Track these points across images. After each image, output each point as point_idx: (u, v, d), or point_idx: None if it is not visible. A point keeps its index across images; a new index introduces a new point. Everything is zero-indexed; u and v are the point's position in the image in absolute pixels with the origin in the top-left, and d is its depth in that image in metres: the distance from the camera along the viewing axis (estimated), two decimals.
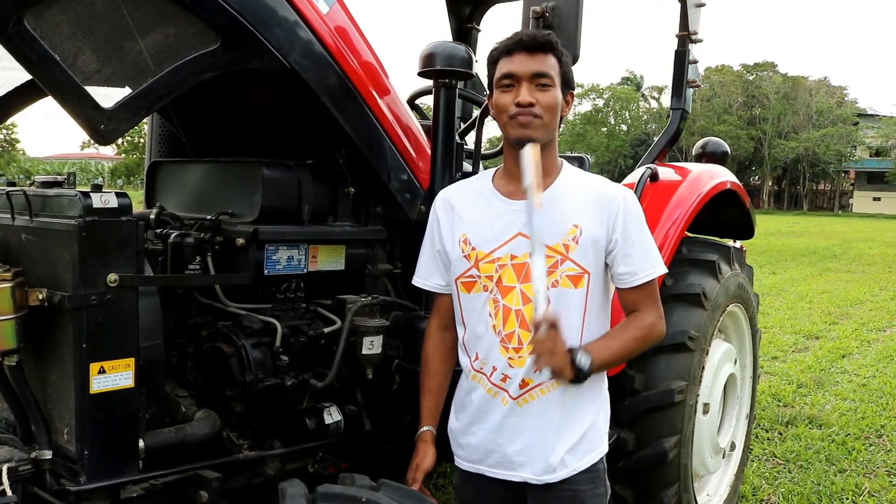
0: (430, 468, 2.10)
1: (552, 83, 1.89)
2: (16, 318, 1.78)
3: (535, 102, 1.86)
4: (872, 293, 12.27)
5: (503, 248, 1.95)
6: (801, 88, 65.57)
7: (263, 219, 2.30)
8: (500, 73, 1.91)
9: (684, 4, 3.68)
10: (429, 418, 2.14)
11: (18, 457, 1.82)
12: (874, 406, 5.78)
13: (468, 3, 4.30)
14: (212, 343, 2.25)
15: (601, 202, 1.95)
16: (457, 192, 2.11)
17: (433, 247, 2.10)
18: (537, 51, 1.88)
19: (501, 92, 1.91)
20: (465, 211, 2.03)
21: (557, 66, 1.91)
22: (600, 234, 1.93)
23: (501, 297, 1.94)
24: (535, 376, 1.92)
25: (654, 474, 2.99)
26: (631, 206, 1.97)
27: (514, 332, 1.93)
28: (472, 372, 2.03)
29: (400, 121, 2.54)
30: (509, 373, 1.95)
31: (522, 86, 1.87)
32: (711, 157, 4.17)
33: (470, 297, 2.00)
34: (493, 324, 1.96)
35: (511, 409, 1.96)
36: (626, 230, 1.94)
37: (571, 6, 2.36)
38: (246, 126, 2.74)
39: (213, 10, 1.92)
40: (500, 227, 1.96)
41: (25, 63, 1.68)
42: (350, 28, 2.35)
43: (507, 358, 1.95)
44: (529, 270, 1.89)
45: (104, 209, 1.80)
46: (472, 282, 1.99)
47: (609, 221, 1.93)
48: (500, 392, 1.97)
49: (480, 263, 1.96)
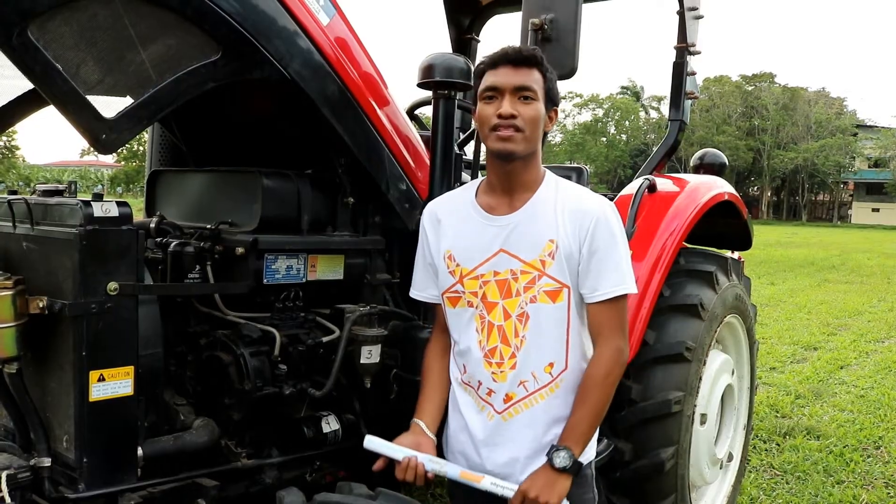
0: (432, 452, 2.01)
1: (535, 97, 1.89)
2: (16, 325, 1.79)
3: (517, 115, 1.87)
4: (871, 304, 12.27)
5: (486, 264, 1.97)
6: (800, 99, 65.70)
7: (263, 228, 2.31)
8: (485, 86, 1.92)
9: (682, 16, 3.71)
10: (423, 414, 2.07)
11: (17, 464, 1.84)
12: (872, 417, 5.78)
13: (468, 15, 4.34)
14: (211, 351, 2.26)
15: (575, 215, 1.94)
16: (442, 205, 2.12)
17: (425, 259, 2.12)
18: (522, 65, 1.89)
19: (485, 104, 1.92)
20: (450, 226, 2.05)
21: (542, 80, 1.91)
22: (574, 247, 1.92)
23: (487, 312, 1.97)
24: (517, 390, 1.96)
25: (651, 485, 3.00)
26: (604, 221, 1.94)
27: (497, 347, 1.96)
28: (462, 385, 2.06)
29: (399, 131, 2.55)
30: (493, 387, 1.98)
31: (505, 98, 1.88)
32: (709, 168, 4.20)
33: (456, 311, 2.03)
34: (479, 339, 1.99)
35: (497, 423, 1.99)
36: (593, 245, 1.92)
37: (570, 18, 2.38)
38: (246, 136, 2.76)
39: (214, 22, 1.94)
40: (482, 243, 1.98)
41: (28, 73, 1.69)
42: (350, 39, 2.37)
43: (491, 373, 1.97)
44: (510, 286, 1.93)
45: (105, 218, 1.81)
46: (457, 297, 2.01)
47: (581, 235, 1.92)
48: (486, 406, 2.00)
49: (465, 280, 1.99)
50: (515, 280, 1.94)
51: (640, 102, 71.58)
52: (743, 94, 66.21)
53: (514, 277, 1.94)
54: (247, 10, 2.00)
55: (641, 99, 71.71)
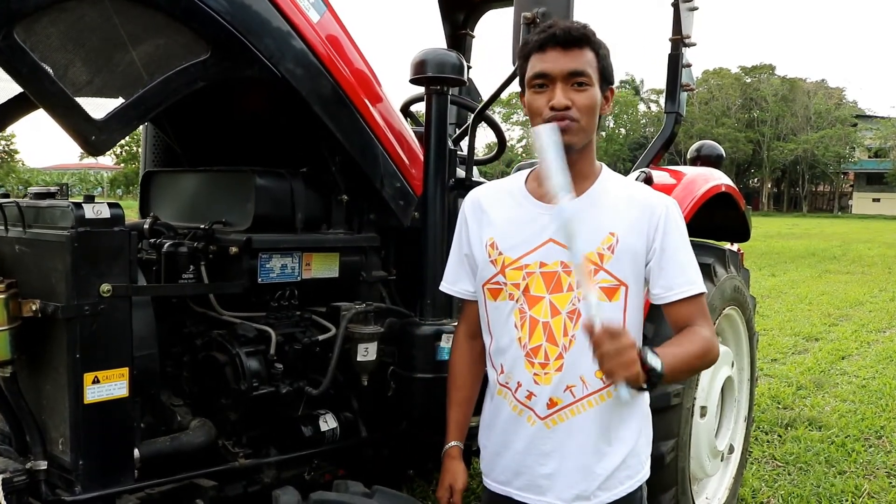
0: (464, 487, 1.99)
1: (590, 81, 1.71)
2: (9, 329, 1.79)
3: (572, 104, 1.70)
4: (872, 294, 12.26)
5: (532, 254, 1.79)
6: (800, 90, 65.64)
7: (257, 227, 2.30)
8: (532, 73, 1.74)
9: (677, 9, 3.70)
10: (456, 432, 2.02)
11: (13, 467, 1.83)
12: (874, 407, 5.78)
13: (462, 10, 4.32)
14: (206, 352, 2.25)
15: (642, 210, 1.79)
16: (487, 192, 1.96)
17: (461, 250, 1.96)
18: (572, 46, 1.70)
19: (534, 93, 1.75)
20: (495, 213, 1.88)
21: (595, 61, 1.73)
22: (639, 243, 1.77)
23: (528, 307, 1.79)
24: (564, 395, 1.78)
25: (652, 478, 2.96)
26: (675, 216, 1.82)
27: (541, 346, 1.78)
28: (498, 386, 1.88)
29: (392, 128, 2.55)
30: (534, 390, 1.79)
31: (557, 86, 1.70)
32: (706, 160, 4.18)
33: (496, 305, 1.85)
34: (519, 336, 1.80)
35: (539, 429, 1.81)
36: (665, 241, 1.79)
37: (562, 12, 2.37)
38: (239, 135, 2.75)
39: (203, 21, 1.93)
40: (530, 232, 1.81)
41: (16, 75, 1.69)
42: (341, 36, 2.36)
43: (533, 374, 1.79)
44: (559, 280, 1.76)
45: (96, 220, 1.80)
46: (498, 289, 1.83)
47: (650, 231, 1.78)
48: (525, 410, 1.82)
49: (507, 270, 1.81)
50: (568, 274, 1.76)
51: (640, 96, 71.50)
52: (742, 86, 66.13)
53: (567, 271, 1.76)
54: (236, 8, 1.99)
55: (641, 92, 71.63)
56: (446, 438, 2.03)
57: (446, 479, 1.99)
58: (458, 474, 1.99)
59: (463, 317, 2.05)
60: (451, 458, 2.01)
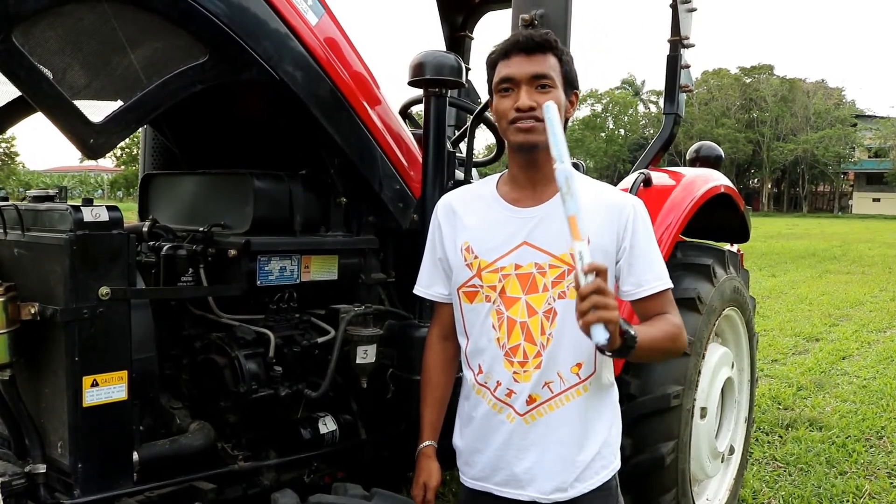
0: (438, 485, 2.03)
1: (553, 84, 1.80)
2: (8, 332, 1.79)
3: (536, 106, 1.77)
4: (872, 294, 12.25)
5: (507, 257, 1.86)
6: (799, 90, 65.59)
7: (255, 230, 2.30)
8: (499, 77, 1.83)
9: (675, 10, 3.70)
10: (430, 432, 2.07)
11: (12, 471, 1.83)
12: (875, 408, 5.77)
13: (461, 12, 4.33)
14: (205, 354, 2.25)
15: (611, 210, 1.86)
16: (459, 197, 2.02)
17: (434, 255, 2.02)
18: (535, 51, 1.80)
19: (501, 97, 1.84)
20: (468, 217, 1.95)
21: (558, 65, 1.82)
22: (610, 243, 1.85)
23: (505, 308, 1.86)
24: (542, 392, 1.85)
25: (652, 479, 2.99)
26: (641, 214, 1.89)
27: (520, 345, 1.85)
28: (476, 386, 1.93)
29: (391, 130, 2.55)
30: (514, 388, 1.86)
31: (522, 89, 1.79)
32: (705, 161, 4.19)
33: (472, 307, 1.92)
34: (497, 336, 1.87)
35: (518, 425, 1.87)
36: (634, 239, 1.86)
37: (560, 13, 2.38)
38: (238, 137, 2.76)
39: (201, 24, 1.93)
40: (504, 235, 1.88)
41: (14, 79, 1.68)
42: (339, 39, 2.37)
43: (512, 372, 1.86)
44: (535, 280, 1.82)
45: (95, 223, 1.80)
46: (474, 291, 1.90)
47: (619, 230, 1.85)
48: (505, 408, 1.88)
49: (483, 273, 1.88)
50: (543, 275, 1.83)
51: (640, 97, 71.52)
52: (741, 87, 66.10)
53: (542, 272, 1.83)
54: (233, 11, 1.99)
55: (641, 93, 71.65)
56: (420, 438, 2.09)
57: (421, 477, 2.05)
58: (433, 473, 2.05)
59: (436, 319, 2.11)
60: (425, 457, 2.07)
